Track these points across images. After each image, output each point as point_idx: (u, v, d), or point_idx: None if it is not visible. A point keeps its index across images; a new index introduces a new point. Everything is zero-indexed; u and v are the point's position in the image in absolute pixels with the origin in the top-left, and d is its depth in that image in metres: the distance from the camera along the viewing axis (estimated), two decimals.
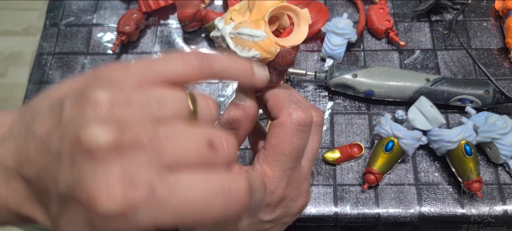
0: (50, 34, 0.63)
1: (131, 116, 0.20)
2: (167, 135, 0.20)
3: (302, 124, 0.31)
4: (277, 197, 0.31)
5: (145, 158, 0.19)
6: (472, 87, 0.52)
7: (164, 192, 0.19)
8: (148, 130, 0.20)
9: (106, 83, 0.21)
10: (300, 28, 0.32)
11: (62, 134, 0.20)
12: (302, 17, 0.32)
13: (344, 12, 0.63)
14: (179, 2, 0.60)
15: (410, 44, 0.60)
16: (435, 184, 0.50)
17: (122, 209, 0.19)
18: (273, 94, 0.33)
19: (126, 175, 0.19)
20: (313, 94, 0.57)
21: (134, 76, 0.22)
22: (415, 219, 0.49)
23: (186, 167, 0.20)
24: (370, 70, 0.54)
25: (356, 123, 0.55)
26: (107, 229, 0.19)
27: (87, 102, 0.20)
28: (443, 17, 0.62)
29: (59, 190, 0.20)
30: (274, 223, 0.33)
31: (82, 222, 0.20)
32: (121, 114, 0.20)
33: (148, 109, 0.21)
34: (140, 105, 0.21)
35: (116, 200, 0.18)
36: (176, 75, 0.23)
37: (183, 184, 0.20)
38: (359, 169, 0.52)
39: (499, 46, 0.59)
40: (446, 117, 0.55)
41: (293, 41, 0.31)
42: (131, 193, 0.19)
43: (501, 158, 0.49)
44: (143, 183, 0.19)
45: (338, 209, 0.49)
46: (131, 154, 0.19)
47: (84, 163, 0.19)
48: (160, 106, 0.21)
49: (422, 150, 0.53)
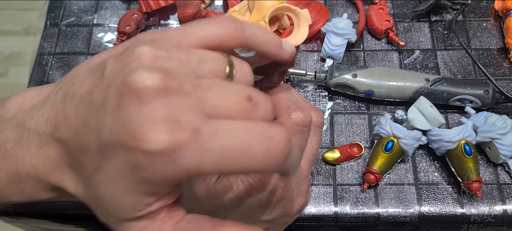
0: (50, 34, 0.63)
1: (174, 68, 0.21)
2: (210, 87, 0.21)
3: (301, 124, 0.31)
4: (276, 197, 0.31)
5: (190, 104, 0.20)
6: (471, 87, 0.52)
7: (208, 135, 0.20)
8: (192, 80, 0.21)
9: (147, 42, 0.22)
10: (300, 29, 0.32)
11: (106, 86, 0.21)
12: (302, 17, 0.32)
13: (344, 12, 0.63)
14: (180, 2, 0.60)
15: (409, 44, 0.60)
16: (434, 184, 0.51)
17: (169, 147, 0.19)
18: (273, 95, 0.33)
19: (172, 116, 0.19)
20: (313, 94, 0.57)
21: (173, 38, 0.23)
22: (414, 218, 0.49)
23: (228, 116, 0.21)
24: (370, 70, 0.54)
25: (356, 122, 0.55)
26: (151, 170, 0.19)
27: (130, 55, 0.21)
28: (442, 17, 0.62)
29: (103, 139, 0.20)
30: (273, 223, 0.33)
31: (124, 169, 0.20)
32: (165, 65, 0.21)
33: (189, 65, 0.22)
34: (181, 60, 0.22)
35: (163, 138, 0.19)
36: (211, 38, 0.24)
37: (226, 130, 0.20)
38: (359, 169, 0.52)
39: (498, 46, 0.59)
40: (446, 116, 0.55)
41: (293, 41, 0.31)
42: (178, 133, 0.19)
43: (500, 158, 0.49)
44: (189, 125, 0.19)
45: (338, 209, 0.50)
46: (177, 99, 0.20)
47: (131, 105, 0.19)
48: (200, 64, 0.22)
49: (421, 149, 0.53)
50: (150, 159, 0.19)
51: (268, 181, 0.31)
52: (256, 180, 0.31)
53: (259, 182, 0.31)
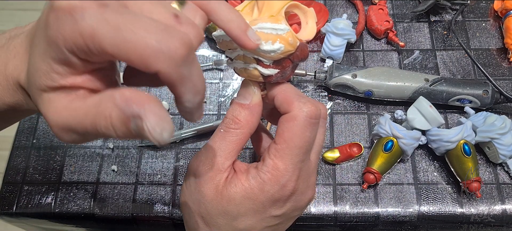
0: None
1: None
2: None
3: (313, 117, 0.31)
4: (289, 190, 0.32)
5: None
6: (471, 88, 0.52)
7: (114, 11, 0.21)
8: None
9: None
10: (308, 26, 0.33)
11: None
12: (310, 15, 0.33)
13: (343, 12, 0.63)
14: None
15: (409, 45, 0.60)
16: (434, 184, 0.51)
17: (73, 6, 0.21)
18: (281, 90, 0.33)
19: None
20: (313, 94, 0.57)
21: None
22: (414, 218, 0.49)
23: (147, 13, 0.23)
24: (369, 70, 0.54)
25: (356, 122, 0.55)
26: (55, 28, 0.22)
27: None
28: (442, 18, 0.62)
29: (41, 23, 0.24)
30: (283, 218, 0.33)
31: (41, 33, 0.23)
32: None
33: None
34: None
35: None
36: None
37: (132, 16, 0.22)
38: (359, 169, 0.52)
39: (498, 46, 0.60)
40: (445, 116, 0.55)
41: (305, 36, 0.32)
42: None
43: (500, 158, 0.49)
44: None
45: (337, 209, 0.50)
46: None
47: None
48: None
49: (421, 149, 0.53)
50: (55, 14, 0.22)
51: (281, 176, 0.31)
52: (269, 175, 0.31)
53: (271, 177, 0.31)
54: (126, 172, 0.53)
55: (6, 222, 0.53)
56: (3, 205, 0.52)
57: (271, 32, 0.29)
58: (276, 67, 0.31)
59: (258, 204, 0.31)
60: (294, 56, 0.31)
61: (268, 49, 0.29)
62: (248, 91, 0.33)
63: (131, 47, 0.21)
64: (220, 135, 0.32)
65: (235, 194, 0.31)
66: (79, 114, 0.23)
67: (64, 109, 0.24)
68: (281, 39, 0.29)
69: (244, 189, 0.31)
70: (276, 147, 0.31)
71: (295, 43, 0.30)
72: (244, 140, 0.33)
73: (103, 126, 0.22)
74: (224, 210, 0.31)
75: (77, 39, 0.21)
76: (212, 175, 0.32)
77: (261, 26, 0.30)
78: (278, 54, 0.30)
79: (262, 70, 0.31)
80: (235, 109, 0.33)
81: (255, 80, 0.32)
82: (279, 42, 0.29)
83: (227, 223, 0.32)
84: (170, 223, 0.51)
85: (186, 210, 0.34)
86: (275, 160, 0.31)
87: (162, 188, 0.52)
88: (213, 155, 0.32)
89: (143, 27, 0.21)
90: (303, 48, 0.31)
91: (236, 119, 0.32)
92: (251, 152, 0.54)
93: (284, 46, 0.30)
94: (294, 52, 0.31)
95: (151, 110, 0.21)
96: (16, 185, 0.53)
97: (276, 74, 0.31)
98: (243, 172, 0.32)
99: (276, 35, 0.29)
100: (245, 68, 0.31)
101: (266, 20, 0.30)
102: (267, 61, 0.31)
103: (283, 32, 0.30)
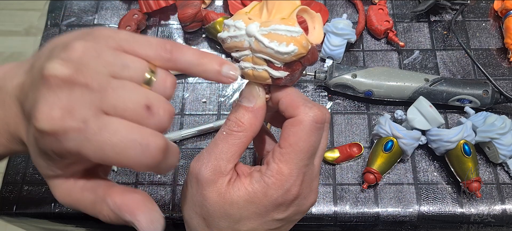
0: (51, 34, 0.64)
1: (94, 66, 0.25)
2: (116, 88, 0.25)
3: (319, 121, 0.31)
4: (292, 194, 0.32)
5: (89, 99, 0.24)
6: (471, 88, 0.52)
7: (94, 128, 0.24)
8: (102, 79, 0.24)
9: (92, 38, 0.26)
10: (315, 30, 0.34)
11: (38, 65, 0.26)
12: (317, 20, 0.33)
13: (343, 12, 0.63)
14: (180, 2, 0.60)
15: (409, 45, 0.60)
16: (434, 184, 0.51)
17: (56, 130, 0.23)
18: (286, 93, 0.33)
19: (68, 106, 0.23)
20: (312, 94, 0.57)
21: (113, 41, 0.26)
22: (414, 218, 0.49)
23: (122, 117, 0.24)
24: (369, 70, 0.54)
25: (356, 122, 0.55)
26: (42, 145, 0.25)
27: (65, 48, 0.25)
28: (442, 18, 0.62)
29: (25, 110, 0.26)
30: (285, 221, 0.33)
31: (32, 138, 0.26)
32: (87, 62, 0.24)
33: (111, 67, 0.25)
34: (106, 61, 0.25)
35: (53, 121, 0.23)
36: (142, 53, 0.27)
37: (111, 127, 0.24)
38: (359, 169, 0.52)
39: (498, 46, 0.60)
40: (445, 116, 0.55)
41: (313, 40, 0.32)
42: (67, 120, 0.23)
43: (500, 158, 0.49)
44: (80, 116, 0.23)
45: (337, 209, 0.50)
46: (80, 92, 0.24)
47: (41, 88, 0.24)
48: (122, 68, 0.26)
49: (421, 149, 0.53)
50: (40, 135, 0.24)
51: (285, 180, 0.31)
52: (273, 179, 0.31)
53: (276, 181, 0.31)
54: (126, 172, 0.53)
55: (6, 222, 0.53)
56: (3, 205, 0.52)
57: (286, 33, 0.30)
58: (287, 69, 0.31)
59: (261, 208, 0.31)
60: (305, 59, 0.31)
61: (282, 51, 0.29)
62: (252, 93, 0.32)
63: (114, 158, 0.24)
64: (222, 137, 0.32)
65: (238, 198, 0.31)
66: (81, 205, 0.28)
67: (68, 196, 0.28)
68: (295, 41, 0.30)
69: (247, 193, 0.31)
70: (281, 151, 0.31)
71: (308, 46, 0.31)
72: (247, 143, 0.33)
73: (102, 218, 0.28)
74: (227, 213, 0.31)
75: (66, 155, 0.24)
76: (214, 178, 0.31)
77: (275, 28, 0.30)
78: (291, 56, 0.30)
79: (272, 72, 0.31)
80: (239, 112, 0.32)
81: (261, 83, 0.32)
82: (293, 45, 0.30)
83: (229, 226, 0.32)
84: (170, 223, 0.51)
85: (187, 211, 0.34)
86: (280, 164, 0.31)
87: (162, 188, 0.52)
88: (215, 157, 0.32)
89: (122, 141, 0.24)
90: (314, 51, 0.31)
91: (239, 121, 0.32)
92: (251, 152, 0.54)
93: (298, 49, 0.30)
94: (305, 55, 0.31)
95: (142, 218, 0.26)
96: (16, 185, 0.53)
97: (285, 77, 0.31)
98: (246, 176, 0.32)
99: (291, 37, 0.30)
100: (253, 69, 0.31)
101: (278, 22, 0.30)
102: (278, 63, 0.31)
103: (297, 34, 0.30)
